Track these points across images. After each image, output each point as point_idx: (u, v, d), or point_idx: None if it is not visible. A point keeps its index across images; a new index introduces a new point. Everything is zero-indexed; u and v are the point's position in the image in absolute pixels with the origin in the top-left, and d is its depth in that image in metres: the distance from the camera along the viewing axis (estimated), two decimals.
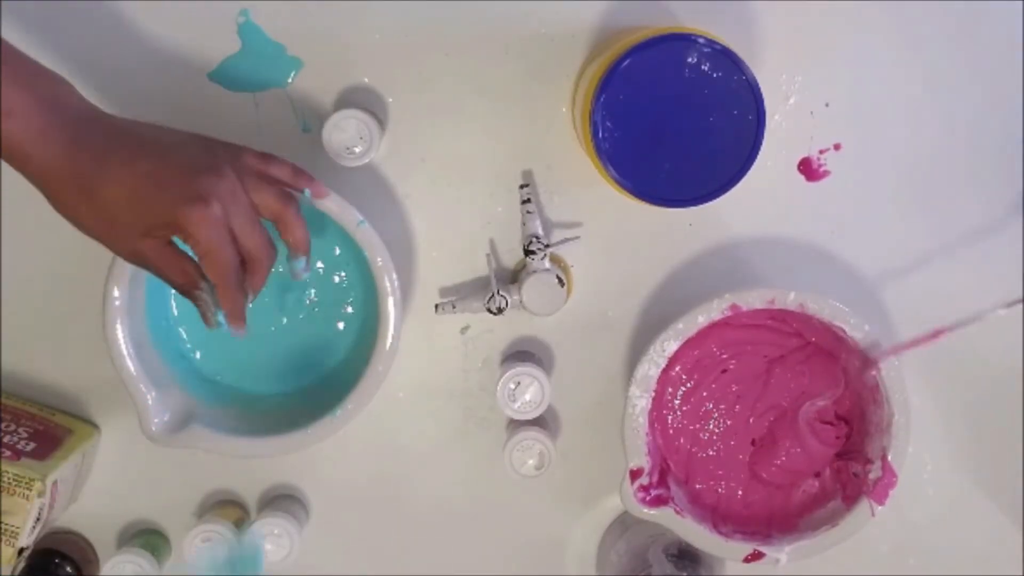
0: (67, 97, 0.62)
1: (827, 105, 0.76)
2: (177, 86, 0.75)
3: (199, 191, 0.61)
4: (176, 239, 0.63)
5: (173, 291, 0.72)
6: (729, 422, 0.79)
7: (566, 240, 0.77)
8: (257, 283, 0.66)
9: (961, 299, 0.79)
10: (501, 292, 0.76)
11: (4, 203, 0.77)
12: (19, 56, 0.61)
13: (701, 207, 0.69)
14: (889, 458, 0.74)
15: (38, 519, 0.72)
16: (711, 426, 0.79)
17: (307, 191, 0.69)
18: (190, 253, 0.63)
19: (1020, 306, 0.69)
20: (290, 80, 0.75)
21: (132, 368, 0.71)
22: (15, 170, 0.61)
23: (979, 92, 0.76)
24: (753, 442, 0.79)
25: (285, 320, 0.76)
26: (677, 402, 0.79)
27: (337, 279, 0.76)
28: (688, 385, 0.78)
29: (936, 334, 0.72)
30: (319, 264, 0.76)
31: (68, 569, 0.79)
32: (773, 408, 0.78)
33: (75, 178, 0.60)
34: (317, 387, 0.77)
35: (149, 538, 0.81)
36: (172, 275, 0.63)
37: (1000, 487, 0.82)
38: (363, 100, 0.76)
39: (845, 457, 0.78)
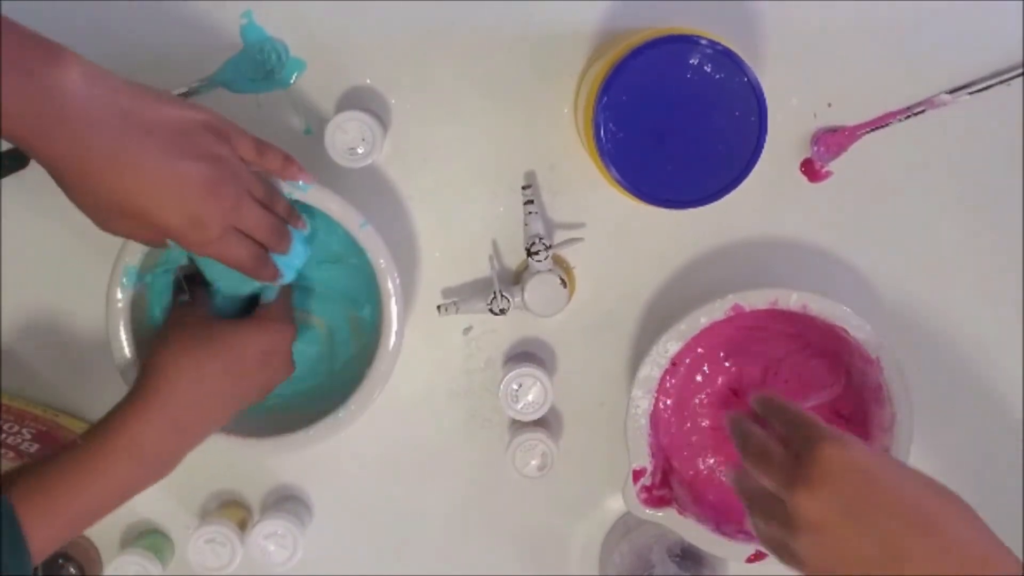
0: (67, 81, 0.58)
1: (830, 105, 0.76)
2: (181, 87, 0.75)
3: (205, 216, 0.62)
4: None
5: (175, 292, 0.73)
6: None
7: (569, 241, 0.77)
8: (284, 248, 0.69)
9: (962, 298, 0.79)
10: (504, 293, 0.76)
11: (4, 201, 0.77)
12: (10, 32, 0.57)
13: (703, 208, 0.69)
14: None
15: None
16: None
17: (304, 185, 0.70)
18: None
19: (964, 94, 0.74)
20: (292, 81, 0.76)
21: (135, 369, 0.71)
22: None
23: (982, 93, 0.76)
24: None
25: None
26: (679, 402, 0.79)
27: (340, 280, 0.76)
28: (690, 385, 0.78)
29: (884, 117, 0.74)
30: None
31: (72, 570, 0.79)
32: None
33: (83, 176, 0.60)
34: (320, 388, 0.77)
35: (153, 539, 0.81)
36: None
37: (1001, 488, 0.82)
38: (366, 101, 0.76)
39: None
